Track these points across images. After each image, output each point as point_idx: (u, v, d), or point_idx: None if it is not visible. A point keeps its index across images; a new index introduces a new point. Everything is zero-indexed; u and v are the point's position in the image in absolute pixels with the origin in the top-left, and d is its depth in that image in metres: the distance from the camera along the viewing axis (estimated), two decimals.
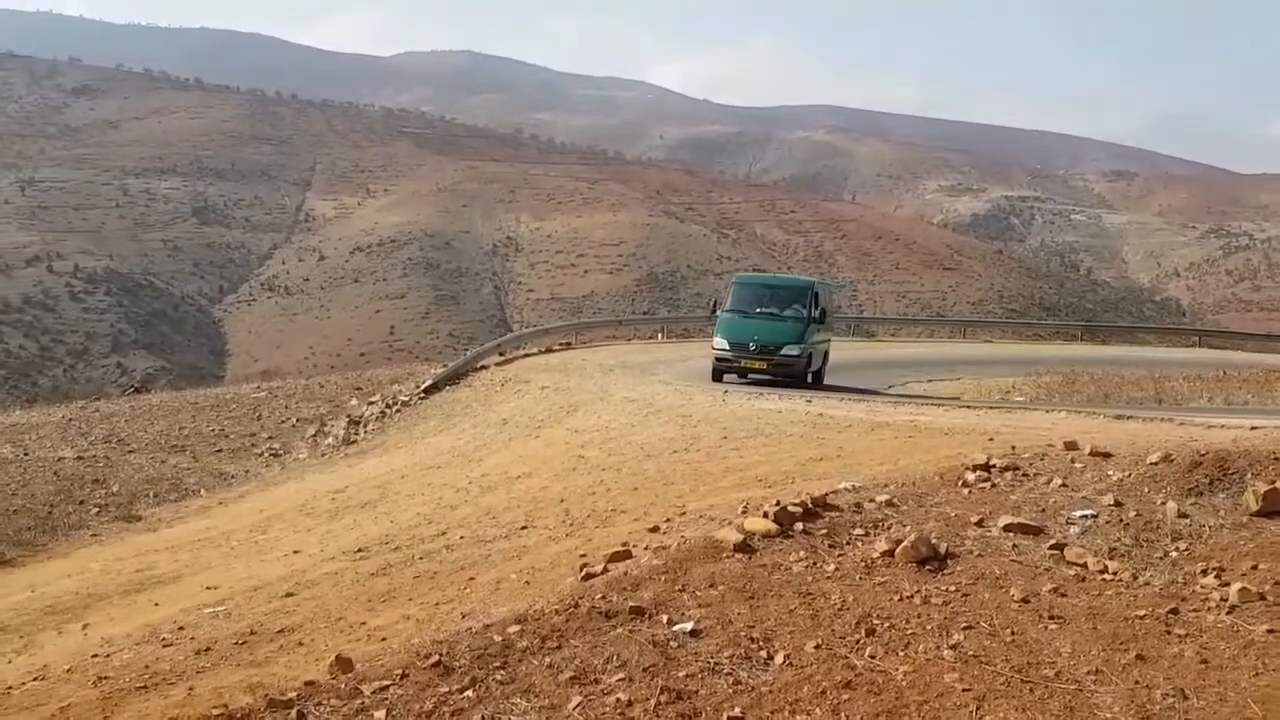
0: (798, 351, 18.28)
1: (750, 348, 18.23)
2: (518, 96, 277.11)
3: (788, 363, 18.19)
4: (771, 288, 20.65)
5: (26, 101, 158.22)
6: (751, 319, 18.84)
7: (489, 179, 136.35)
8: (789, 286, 20.78)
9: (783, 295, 19.74)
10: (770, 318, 18.87)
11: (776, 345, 18.21)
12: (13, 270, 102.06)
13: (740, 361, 18.31)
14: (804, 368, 18.45)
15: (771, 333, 18.48)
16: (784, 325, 18.64)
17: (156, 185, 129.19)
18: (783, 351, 18.18)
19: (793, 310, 19.00)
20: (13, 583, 8.50)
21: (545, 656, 5.02)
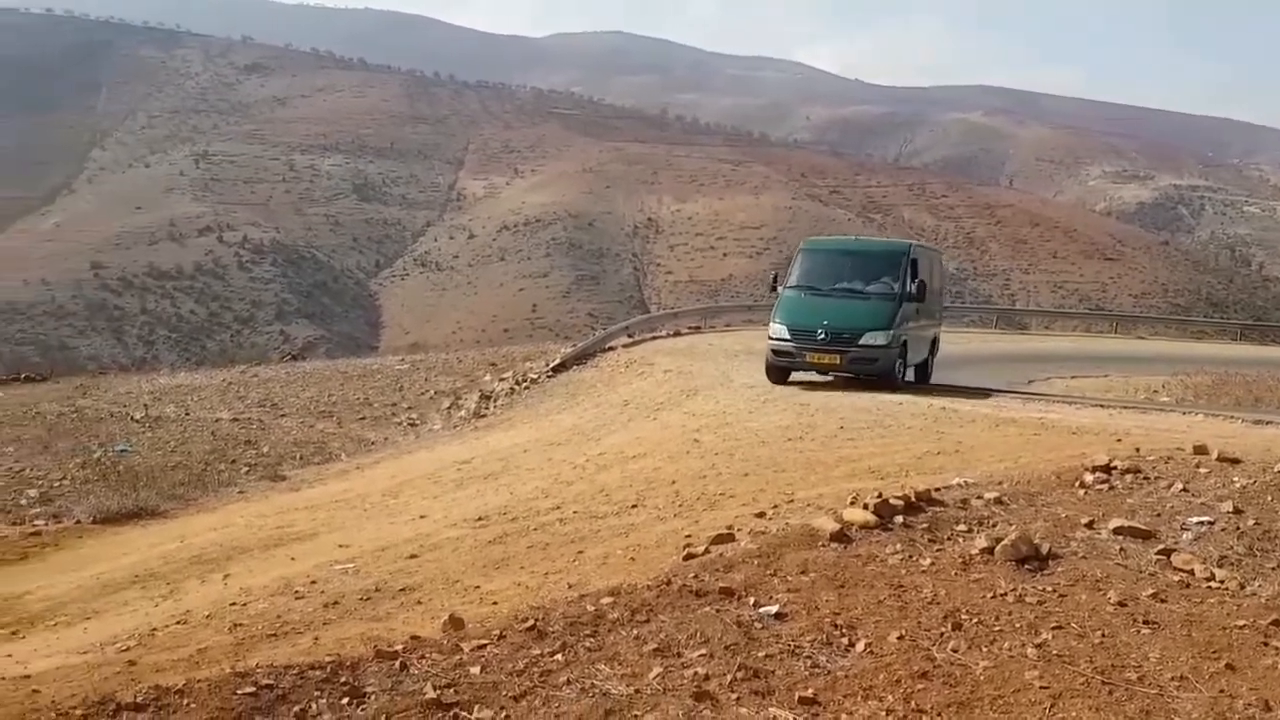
0: (884, 340, 13.98)
1: (818, 336, 14.04)
2: (666, 77, 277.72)
3: (870, 356, 13.95)
4: (851, 254, 15.98)
5: (202, 78, 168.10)
6: (822, 297, 14.65)
7: (633, 160, 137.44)
8: (875, 253, 16.15)
9: (866, 264, 15.27)
10: (847, 295, 14.63)
11: (854, 332, 13.95)
12: (186, 239, 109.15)
13: (804, 355, 14.19)
14: (894, 362, 14.26)
15: (848, 315, 14.20)
16: (866, 305, 14.39)
17: (320, 162, 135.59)
18: (863, 341, 13.91)
19: (880, 285, 14.67)
20: (165, 533, 9.29)
21: (633, 628, 5.24)
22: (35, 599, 7.61)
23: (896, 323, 14.27)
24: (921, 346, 15.84)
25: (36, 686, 5.67)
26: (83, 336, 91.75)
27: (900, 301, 14.48)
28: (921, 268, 15.24)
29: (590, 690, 4.48)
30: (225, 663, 5.63)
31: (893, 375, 14.35)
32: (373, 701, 4.37)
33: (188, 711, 4.24)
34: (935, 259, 17.64)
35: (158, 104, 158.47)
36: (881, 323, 14.15)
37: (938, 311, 17.27)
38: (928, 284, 15.25)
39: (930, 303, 15.98)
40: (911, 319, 14.83)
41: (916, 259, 15.27)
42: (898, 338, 14.23)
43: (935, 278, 16.48)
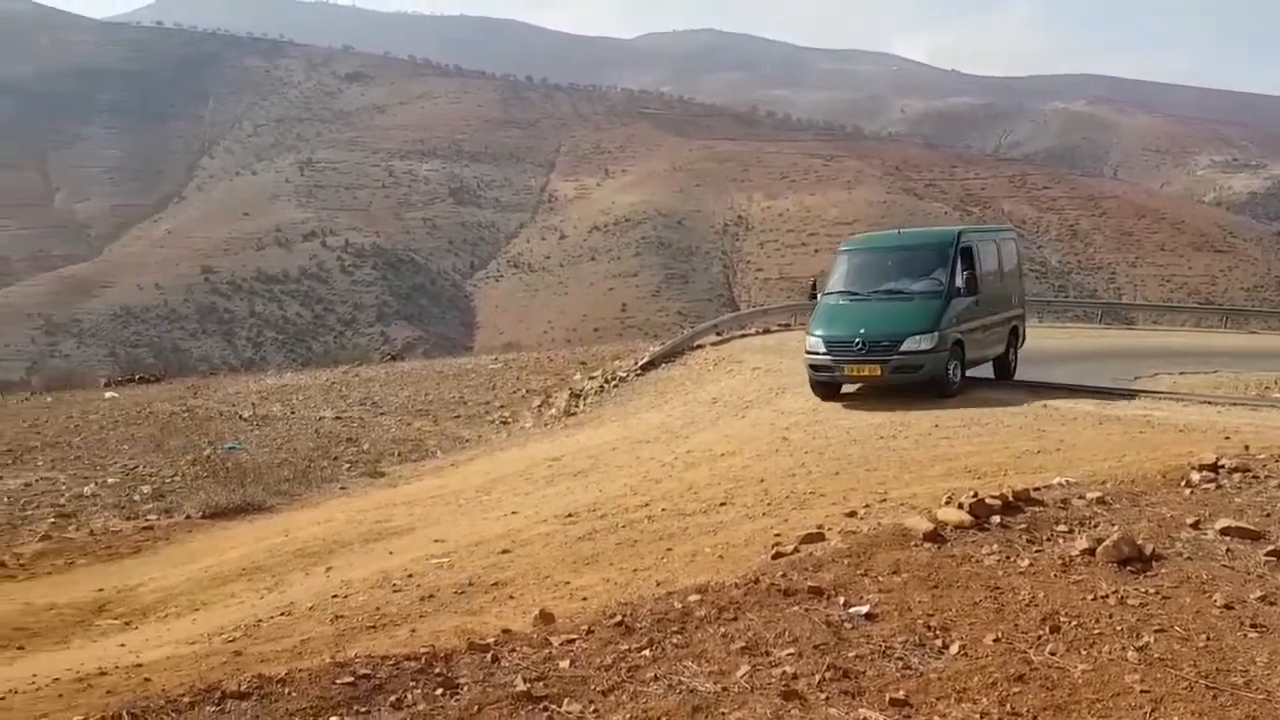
0: (930, 344, 12.61)
1: (856, 345, 12.82)
2: (757, 73, 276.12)
3: (913, 364, 12.68)
4: (893, 251, 14.37)
5: (305, 87, 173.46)
6: (861, 302, 13.58)
7: (723, 158, 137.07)
8: (918, 246, 14.31)
9: (909, 261, 13.84)
10: (888, 297, 13.44)
11: (894, 339, 12.69)
12: (292, 244, 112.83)
13: (841, 369, 12.95)
14: (943, 367, 12.83)
15: (886, 320, 12.97)
16: (907, 307, 13.12)
17: (418, 167, 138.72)
18: (905, 347, 12.61)
19: (926, 282, 13.35)
20: (271, 528, 9.63)
21: (720, 626, 5.23)
22: (147, 591, 7.97)
23: (944, 323, 12.82)
24: (992, 341, 14.37)
25: (148, 675, 5.95)
26: (194, 339, 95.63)
27: (948, 298, 13.02)
28: (980, 255, 13.85)
29: (677, 687, 4.49)
30: (326, 653, 5.81)
31: (944, 382, 12.85)
32: (465, 693, 4.46)
33: (289, 700, 4.38)
34: (1001, 242, 15.36)
35: (263, 113, 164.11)
36: (924, 325, 12.72)
37: (1014, 298, 15.45)
38: (987, 272, 13.91)
39: (1002, 289, 14.72)
40: (968, 314, 13.36)
41: (970, 247, 13.75)
42: (947, 339, 12.78)
43: (1005, 262, 14.99)
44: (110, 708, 4.55)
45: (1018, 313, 15.55)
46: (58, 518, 10.35)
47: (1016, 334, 15.33)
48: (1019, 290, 15.87)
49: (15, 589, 8.11)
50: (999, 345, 14.67)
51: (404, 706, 4.34)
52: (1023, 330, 15.70)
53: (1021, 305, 15.98)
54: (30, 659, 6.60)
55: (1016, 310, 15.52)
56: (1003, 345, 14.77)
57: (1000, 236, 15.84)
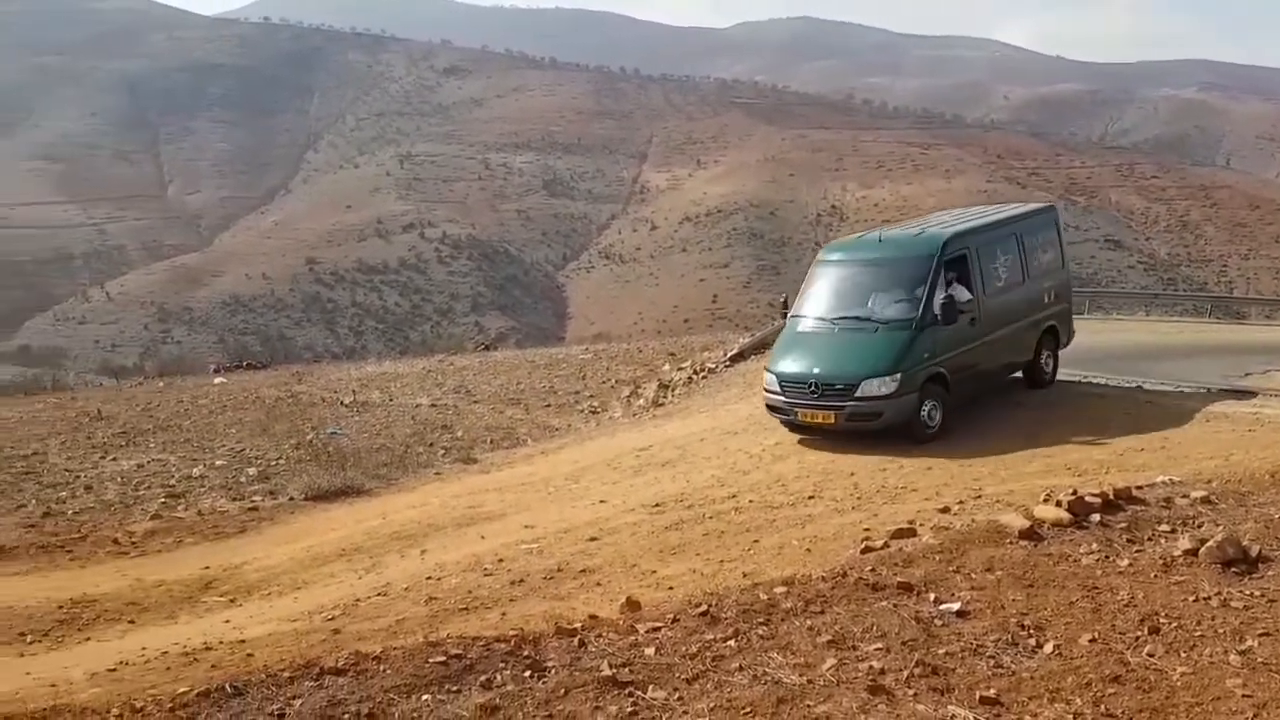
0: (890, 388, 10.64)
1: (809, 387, 11.00)
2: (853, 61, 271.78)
3: (871, 411, 10.76)
4: (868, 264, 12.10)
5: (405, 82, 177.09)
6: (825, 330, 11.54)
7: (816, 147, 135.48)
8: (893, 259, 11.90)
9: (884, 277, 11.65)
10: (854, 325, 11.31)
11: (849, 381, 10.78)
12: (391, 236, 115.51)
13: (795, 412, 11.14)
14: (909, 412, 10.79)
15: (843, 356, 11.07)
16: (869, 341, 11.07)
17: (513, 159, 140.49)
18: (859, 392, 10.69)
19: (896, 308, 11.17)
20: (369, 510, 9.91)
21: (807, 619, 5.22)
22: (252, 569, 8.28)
23: (912, 360, 10.77)
24: (1008, 353, 12.37)
25: (251, 650, 6.20)
26: (299, 327, 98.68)
27: (919, 328, 10.89)
28: (982, 262, 11.70)
29: (762, 678, 4.50)
30: (420, 633, 5.97)
31: (915, 429, 10.84)
32: (552, 675, 4.55)
33: (384, 676, 4.53)
34: (1025, 232, 12.79)
35: (365, 107, 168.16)
36: (883, 365, 10.72)
37: (1049, 293, 13.01)
38: (999, 277, 11.93)
39: (1028, 289, 12.54)
40: (957, 339, 11.21)
41: (962, 255, 11.54)
42: (914, 379, 10.75)
43: (1033, 255, 12.64)
44: (214, 681, 4.75)
45: (1056, 310, 13.15)
46: (168, 498, 10.82)
47: (1055, 335, 13.04)
48: (1059, 281, 13.33)
49: (128, 565, 8.51)
50: (1022, 354, 12.56)
51: (493, 687, 4.45)
52: (1066, 329, 13.44)
53: (1063, 299, 13.51)
54: (140, 632, 6.93)
55: (1054, 307, 13.10)
56: (1029, 353, 12.60)
57: (1024, 225, 12.99)
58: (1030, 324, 12.60)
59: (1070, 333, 13.64)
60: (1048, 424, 11.16)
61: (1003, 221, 12.99)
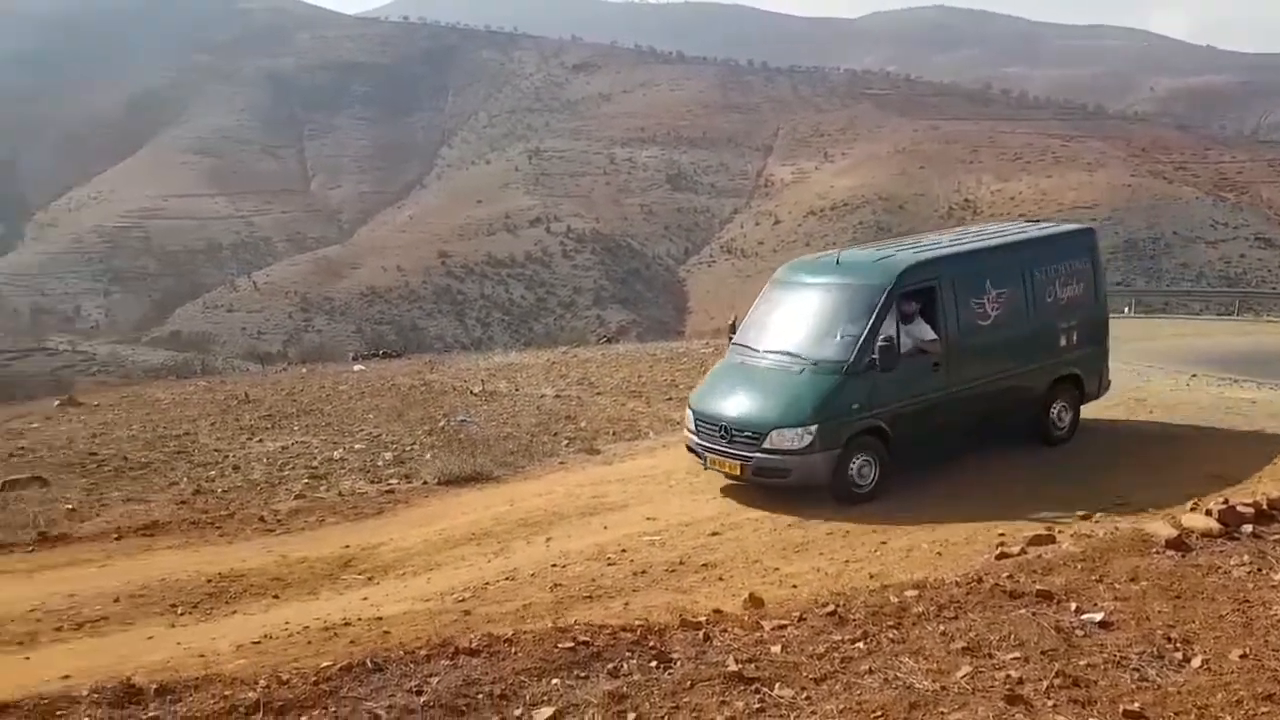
0: (800, 443, 8.99)
1: (719, 431, 9.52)
2: (990, 51, 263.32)
3: (779, 467, 9.13)
4: (815, 288, 10.28)
5: (535, 78, 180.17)
6: (753, 364, 9.94)
7: (950, 139, 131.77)
8: (842, 286, 9.96)
9: (828, 306, 9.90)
10: (782, 362, 9.64)
11: (758, 429, 9.22)
12: (518, 230, 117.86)
13: (705, 458, 9.73)
14: (827, 470, 9.07)
15: (759, 398, 9.51)
16: (791, 382, 9.41)
17: (638, 154, 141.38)
18: (767, 443, 9.11)
19: (833, 345, 9.44)
20: (497, 496, 10.12)
21: (939, 624, 5.10)
22: (388, 550, 8.56)
23: (836, 409, 9.09)
24: (1001, 409, 10.25)
25: (387, 628, 6.42)
26: (430, 318, 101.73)
27: (849, 373, 9.14)
28: (956, 299, 9.85)
29: (893, 681, 4.42)
30: (547, 618, 6.08)
31: (839, 488, 9.12)
32: (678, 668, 4.56)
33: (514, 659, 4.63)
34: (1037, 264, 10.68)
35: (497, 104, 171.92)
36: (796, 413, 9.07)
37: (1069, 335, 10.78)
38: (989, 313, 10.02)
39: (1038, 328, 10.52)
40: (909, 387, 9.46)
41: (929, 289, 9.74)
42: (836, 433, 9.03)
43: (1045, 288, 10.58)
44: (354, 656, 4.94)
45: (1079, 354, 10.88)
46: (310, 478, 11.27)
47: (1076, 384, 10.88)
48: (1087, 319, 10.97)
49: (273, 542, 8.90)
50: (1021, 407, 10.47)
51: (620, 675, 4.49)
52: (1095, 377, 11.10)
53: (1091, 341, 11.07)
54: (284, 607, 7.25)
55: (1077, 351, 10.85)
56: (1033, 406, 10.54)
57: (1038, 252, 10.93)
58: (1037, 370, 10.51)
59: (1102, 382, 11.23)
60: (1200, 429, 10.61)
61: (1004, 247, 10.89)
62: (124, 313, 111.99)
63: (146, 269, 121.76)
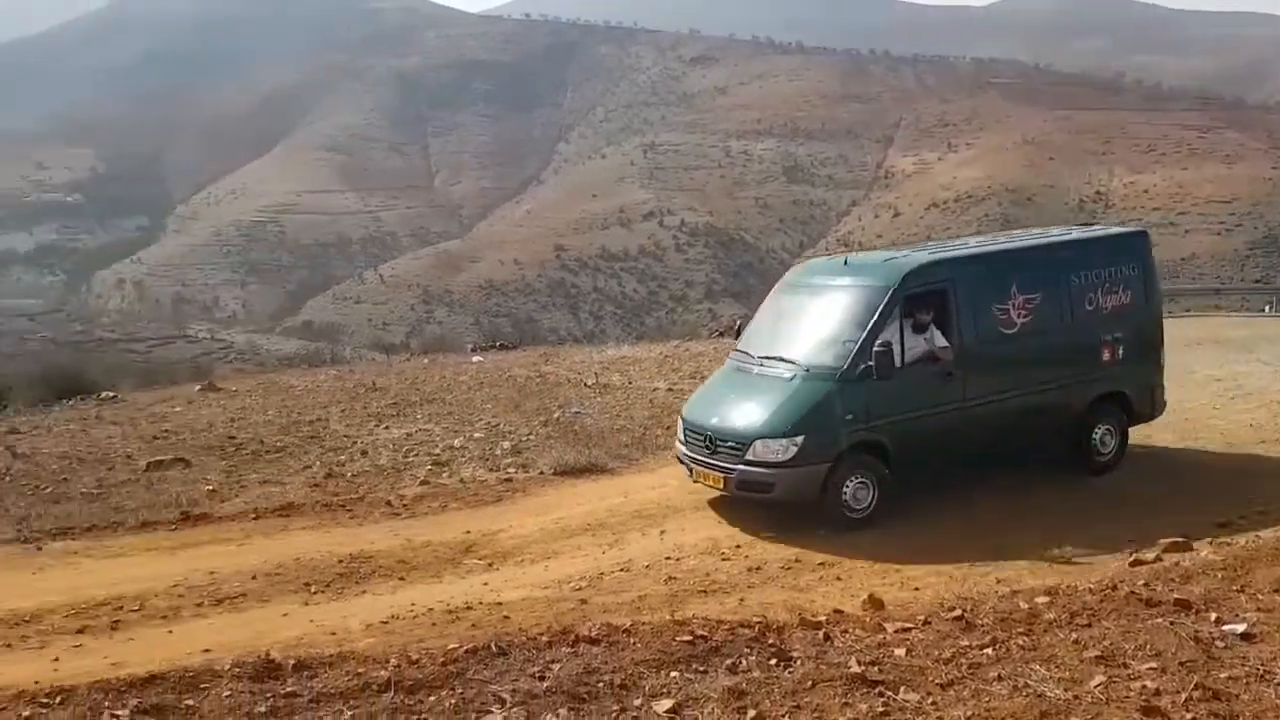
0: (785, 454, 8.36)
1: (704, 441, 8.94)
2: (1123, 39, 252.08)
3: (759, 480, 8.50)
4: (817, 291, 9.66)
5: (652, 72, 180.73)
6: (745, 372, 9.35)
7: (1080, 129, 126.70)
8: (845, 288, 9.30)
9: (834, 308, 9.16)
10: (775, 368, 8.96)
11: (741, 439, 8.62)
12: (632, 224, 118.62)
13: (691, 469, 9.17)
14: (813, 485, 8.40)
15: (746, 405, 8.88)
16: (780, 389, 8.72)
17: (753, 146, 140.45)
18: (750, 454, 8.51)
19: (831, 349, 8.73)
20: (611, 488, 10.20)
21: (1072, 631, 4.93)
22: (507, 537, 8.74)
23: (823, 420, 8.44)
24: (1035, 417, 9.32)
25: (507, 613, 6.55)
26: (545, 311, 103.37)
27: (843, 380, 8.44)
28: (988, 297, 9.10)
29: (1024, 689, 4.29)
30: (662, 611, 6.11)
31: (831, 511, 8.44)
32: (799, 667, 4.53)
33: (633, 650, 4.67)
34: (1072, 267, 9.71)
35: (614, 99, 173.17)
36: (781, 423, 8.44)
37: (1111, 349, 9.72)
38: (1012, 320, 9.09)
39: (1071, 340, 9.53)
40: (916, 397, 8.72)
41: (947, 288, 8.98)
42: (824, 446, 8.39)
43: (1082, 294, 9.59)
44: (477, 639, 5.06)
45: (1125, 370, 9.83)
46: (433, 465, 11.58)
47: (1123, 403, 9.83)
48: (1136, 331, 9.92)
49: (399, 525, 9.19)
50: (1053, 426, 9.50)
51: (739, 671, 4.48)
52: (1146, 396, 9.99)
53: (1143, 356, 9.99)
54: (409, 589, 7.47)
55: (1123, 366, 9.81)
56: (1068, 426, 9.54)
57: (1077, 254, 9.95)
58: (1073, 386, 9.52)
59: (1155, 402, 10.10)
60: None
61: (1034, 249, 10.09)
62: (259, 303, 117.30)
63: (280, 261, 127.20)
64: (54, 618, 6.75)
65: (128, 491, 10.60)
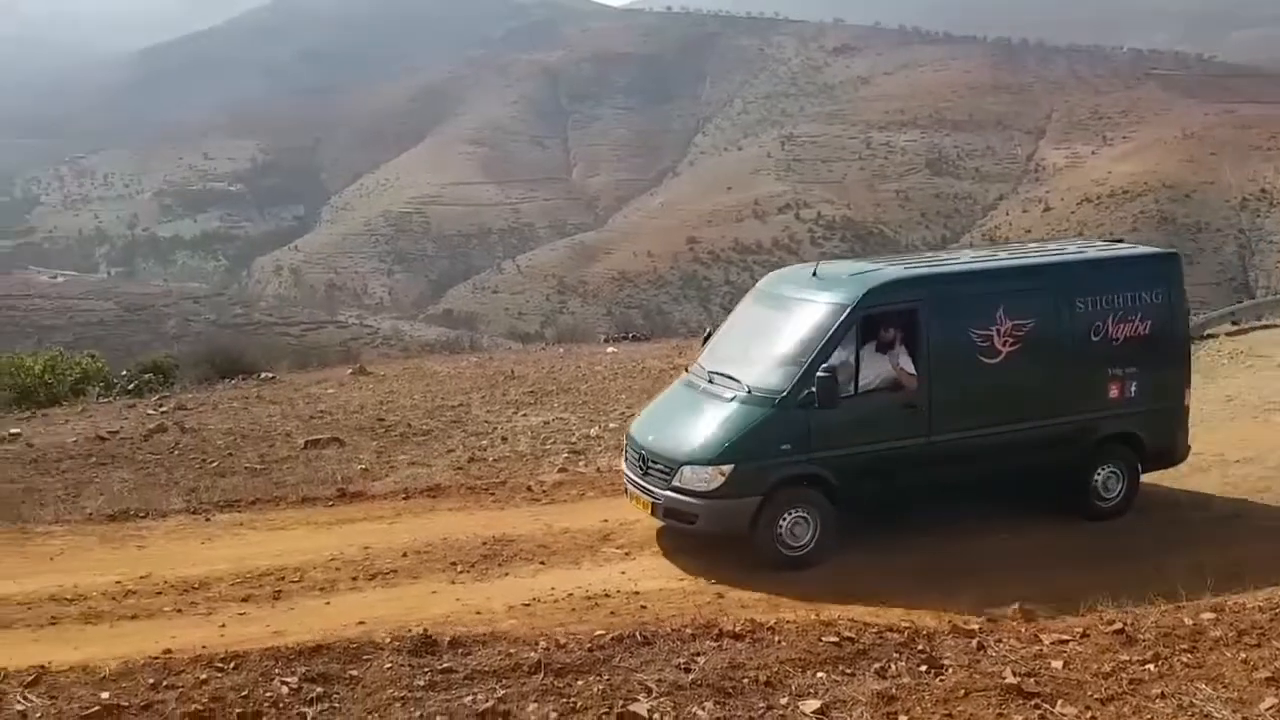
0: (711, 483, 7.63)
1: (638, 460, 8.27)
2: None
3: (683, 509, 7.76)
4: (782, 307, 8.64)
5: (793, 63, 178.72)
6: (695, 388, 8.51)
7: (1246, 124, 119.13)
8: (803, 303, 8.37)
9: (791, 324, 8.27)
10: (722, 388, 8.13)
11: (669, 461, 7.90)
12: (766, 216, 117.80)
13: (629, 487, 8.46)
14: (742, 518, 7.64)
15: (681, 426, 8.18)
16: (715, 411, 7.99)
17: (896, 138, 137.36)
18: (678, 480, 7.76)
19: (778, 371, 7.90)
20: None
21: (1240, 651, 4.69)
22: (641, 527, 8.77)
23: (755, 449, 7.66)
24: (1021, 457, 8.23)
25: (644, 603, 6.63)
26: (676, 303, 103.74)
27: (783, 406, 7.64)
28: (968, 320, 8.11)
29: (1188, 708, 4.10)
30: (801, 609, 6.05)
31: (764, 548, 7.68)
32: (950, 675, 4.43)
33: (778, 648, 4.66)
34: (1100, 283, 8.67)
35: (753, 90, 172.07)
36: (709, 449, 7.73)
37: (1133, 382, 8.59)
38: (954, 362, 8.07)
39: (1059, 374, 8.36)
40: (864, 429, 7.86)
41: (917, 307, 8.03)
42: (758, 478, 7.62)
43: (1080, 320, 8.46)
44: (619, 627, 5.13)
45: (1139, 411, 8.64)
46: (570, 453, 11.80)
47: (1134, 445, 8.70)
48: (1159, 367, 8.73)
49: (539, 511, 9.39)
50: (1047, 467, 8.41)
51: (888, 676, 4.42)
52: (1164, 437, 8.83)
53: (1163, 394, 8.78)
54: (549, 573, 7.62)
55: (1136, 405, 8.62)
56: (1064, 468, 8.45)
57: (1083, 276, 8.75)
58: (1073, 425, 8.45)
59: (1177, 446, 8.91)
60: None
61: (1029, 269, 8.98)
62: (404, 291, 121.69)
63: (425, 251, 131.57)
64: (221, 585, 7.16)
65: (288, 467, 11.18)
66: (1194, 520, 8.49)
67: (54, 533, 8.78)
